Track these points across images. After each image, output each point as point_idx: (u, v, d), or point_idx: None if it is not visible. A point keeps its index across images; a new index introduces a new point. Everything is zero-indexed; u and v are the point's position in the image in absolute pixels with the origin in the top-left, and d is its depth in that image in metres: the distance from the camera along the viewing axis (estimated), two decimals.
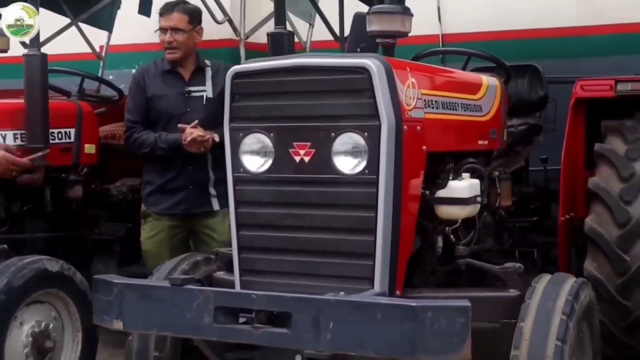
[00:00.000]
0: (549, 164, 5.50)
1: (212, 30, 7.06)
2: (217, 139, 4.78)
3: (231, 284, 3.88)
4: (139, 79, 5.05)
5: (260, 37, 6.34)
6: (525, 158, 5.20)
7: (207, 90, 5.00)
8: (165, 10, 5.04)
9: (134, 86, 5.06)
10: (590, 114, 4.80)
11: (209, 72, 5.05)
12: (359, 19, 4.79)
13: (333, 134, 3.47)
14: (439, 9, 7.22)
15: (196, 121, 4.84)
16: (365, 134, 3.42)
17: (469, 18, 7.09)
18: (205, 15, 5.64)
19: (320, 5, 6.07)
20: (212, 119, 4.86)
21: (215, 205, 5.01)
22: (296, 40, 5.51)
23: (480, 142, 4.20)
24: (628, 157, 4.39)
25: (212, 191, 4.99)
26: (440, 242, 3.86)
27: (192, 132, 4.79)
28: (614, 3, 6.71)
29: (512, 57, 4.91)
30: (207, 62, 5.10)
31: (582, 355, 3.60)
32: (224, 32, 6.89)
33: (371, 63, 3.40)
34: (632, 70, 5.49)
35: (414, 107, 3.56)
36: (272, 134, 3.59)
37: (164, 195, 4.99)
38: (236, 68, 3.67)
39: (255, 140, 3.63)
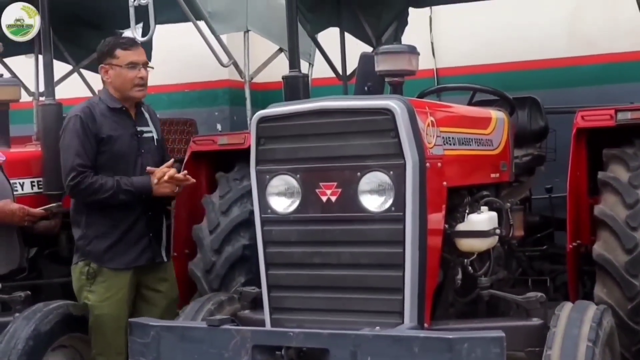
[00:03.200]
0: (552, 192, 5.62)
1: (211, 73, 7.24)
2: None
3: (256, 322, 3.98)
4: (86, 120, 4.46)
5: (261, 78, 6.51)
6: (529, 188, 5.34)
7: (153, 132, 4.71)
8: (133, 44, 4.63)
9: (82, 127, 4.45)
10: (590, 143, 4.94)
11: (146, 114, 4.73)
12: (365, 58, 4.92)
13: (359, 174, 3.60)
14: (432, 44, 7.40)
15: (172, 160, 4.63)
16: (391, 172, 3.55)
17: (462, 52, 7.27)
18: (211, 59, 5.76)
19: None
20: (162, 161, 4.68)
21: (165, 256, 4.70)
22: None
23: (492, 175, 4.35)
24: (632, 184, 4.49)
25: (164, 239, 4.69)
26: (459, 274, 3.98)
27: (165, 171, 4.52)
28: (601, 34, 6.91)
29: (505, 89, 5.05)
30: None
31: None
32: (223, 73, 7.04)
33: (394, 104, 3.54)
34: (623, 99, 5.65)
35: (435, 145, 3.70)
36: (298, 175, 3.71)
37: (125, 248, 4.53)
38: (262, 113, 3.79)
39: (282, 182, 3.75)
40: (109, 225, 4.52)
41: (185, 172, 4.70)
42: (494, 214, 4.00)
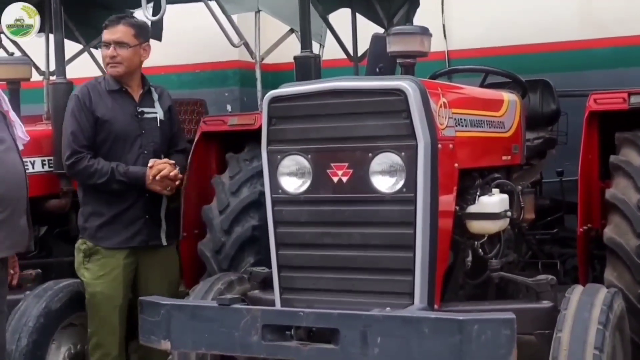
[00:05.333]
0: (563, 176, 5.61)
1: (221, 53, 7.22)
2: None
3: (266, 302, 3.99)
4: (83, 99, 4.51)
5: (272, 59, 6.49)
6: (540, 171, 5.32)
7: (158, 112, 4.67)
8: (110, 23, 4.61)
9: (78, 107, 4.50)
10: (602, 126, 4.91)
11: (155, 95, 4.71)
12: (377, 39, 4.90)
13: (370, 154, 3.59)
14: (444, 26, 7.36)
15: (173, 162, 4.62)
16: (402, 153, 3.54)
17: (474, 34, 7.23)
18: (222, 39, 5.74)
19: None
20: (166, 142, 4.71)
21: (164, 240, 4.68)
22: None
23: (504, 158, 4.35)
24: None
25: (163, 223, 4.67)
26: (470, 256, 3.98)
27: (162, 168, 4.52)
28: (615, 17, 6.86)
29: (517, 72, 5.02)
30: (150, 83, 4.76)
31: None
32: (234, 54, 7.02)
33: (407, 85, 3.53)
34: (636, 82, 5.60)
35: (447, 126, 3.69)
36: (309, 156, 3.70)
37: (118, 228, 4.54)
38: (273, 93, 3.78)
39: (293, 162, 3.74)
40: (104, 203, 4.54)
41: (176, 172, 4.61)
42: (505, 197, 3.99)
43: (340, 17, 6.28)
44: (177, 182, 4.61)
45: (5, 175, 3.72)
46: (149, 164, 4.53)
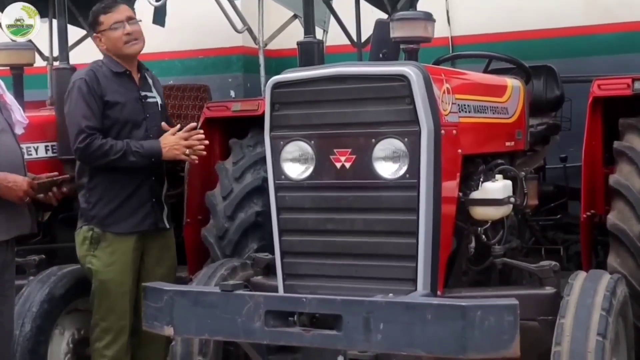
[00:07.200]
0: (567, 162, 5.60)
1: (225, 39, 7.22)
2: None
3: (269, 288, 3.99)
4: (91, 83, 4.43)
5: (275, 44, 6.49)
6: (543, 157, 5.32)
7: (156, 97, 4.66)
8: (112, 5, 4.54)
9: (89, 90, 4.42)
10: (606, 112, 4.90)
11: (149, 80, 4.68)
12: (381, 25, 4.90)
13: (373, 140, 3.58)
14: (447, 11, 7.35)
15: (178, 125, 4.58)
16: (405, 139, 3.53)
17: (477, 20, 7.21)
18: (225, 25, 5.74)
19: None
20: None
21: (167, 223, 4.64)
22: None
23: (507, 144, 4.33)
24: None
25: (165, 206, 4.63)
26: (473, 242, 3.98)
27: (192, 131, 4.50)
28: (619, 2, 6.84)
29: (521, 58, 5.01)
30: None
31: (618, 350, 3.69)
32: (237, 39, 7.01)
33: (410, 71, 3.51)
34: None
35: (450, 112, 3.68)
36: (312, 142, 3.70)
37: (128, 212, 4.48)
38: (276, 78, 3.77)
39: (296, 148, 3.74)
40: (112, 190, 4.48)
41: (201, 131, 4.58)
42: (509, 183, 3.99)
43: (344, 3, 6.27)
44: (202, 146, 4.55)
45: (1, 159, 3.73)
46: (163, 126, 4.50)
